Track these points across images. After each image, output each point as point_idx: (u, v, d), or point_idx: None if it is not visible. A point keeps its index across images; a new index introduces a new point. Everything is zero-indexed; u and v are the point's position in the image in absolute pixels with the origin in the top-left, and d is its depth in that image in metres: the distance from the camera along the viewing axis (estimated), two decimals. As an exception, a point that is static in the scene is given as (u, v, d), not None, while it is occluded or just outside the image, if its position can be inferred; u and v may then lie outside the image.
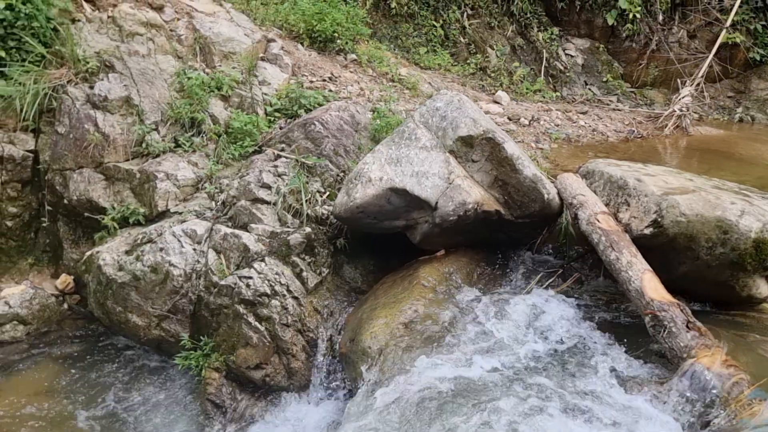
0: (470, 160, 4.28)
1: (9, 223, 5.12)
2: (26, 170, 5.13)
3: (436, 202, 4.09)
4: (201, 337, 4.34)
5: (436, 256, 4.40)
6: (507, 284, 4.20)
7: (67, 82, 5.18)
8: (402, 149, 4.24)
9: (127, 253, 4.57)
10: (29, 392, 4.49)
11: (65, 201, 5.03)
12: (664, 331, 3.14)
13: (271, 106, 5.58)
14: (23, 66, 5.12)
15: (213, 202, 4.84)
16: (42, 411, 4.35)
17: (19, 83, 5.04)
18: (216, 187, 4.91)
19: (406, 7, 8.09)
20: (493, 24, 8.54)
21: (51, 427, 4.24)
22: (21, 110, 5.02)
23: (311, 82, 6.08)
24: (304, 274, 4.40)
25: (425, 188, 4.09)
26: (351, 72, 6.64)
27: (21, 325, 4.85)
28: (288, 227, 4.55)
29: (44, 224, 5.23)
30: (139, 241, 4.60)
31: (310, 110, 5.45)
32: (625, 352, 3.42)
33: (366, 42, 7.37)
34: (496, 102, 7.26)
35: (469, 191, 4.11)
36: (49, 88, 5.11)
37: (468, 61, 8.16)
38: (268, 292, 4.21)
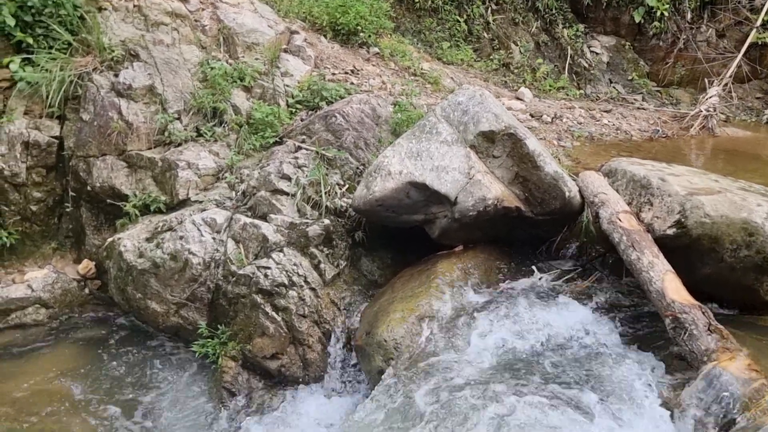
0: (491, 155, 4.25)
1: (33, 208, 5.20)
2: (51, 156, 5.20)
3: (456, 197, 4.07)
4: (218, 326, 4.37)
5: (454, 252, 4.37)
6: (525, 281, 4.16)
7: (93, 69, 5.23)
8: (423, 143, 4.22)
9: (148, 240, 4.61)
10: (49, 374, 4.55)
11: (88, 187, 5.09)
12: (685, 333, 3.09)
13: (292, 97, 5.60)
14: (50, 53, 5.19)
15: (233, 192, 4.86)
16: (61, 393, 4.41)
17: (46, 70, 5.11)
18: (236, 177, 4.94)
19: (429, 2, 8.04)
20: (517, 20, 8.46)
21: (69, 408, 4.29)
22: (47, 97, 5.09)
23: (333, 74, 6.08)
24: (322, 265, 4.41)
25: (445, 183, 4.08)
26: (373, 65, 6.62)
27: (43, 309, 4.92)
28: (307, 219, 4.56)
29: (67, 210, 5.30)
30: (159, 229, 4.64)
31: (332, 103, 5.45)
32: (644, 354, 3.38)
33: (389, 36, 7.34)
34: (518, 98, 7.20)
35: (489, 187, 4.08)
36: (75, 75, 5.16)
37: (491, 57, 8.10)
38: (286, 282, 4.22)
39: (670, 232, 3.65)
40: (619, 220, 3.74)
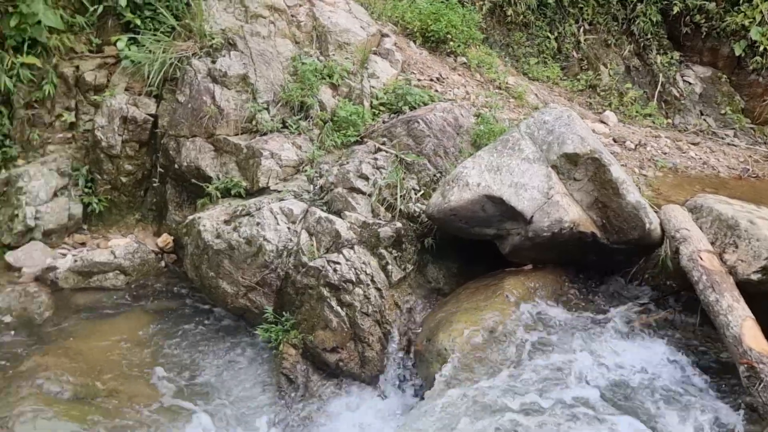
0: (572, 178, 4.20)
1: (123, 179, 5.50)
2: (145, 132, 5.48)
3: (532, 216, 4.05)
4: (283, 313, 4.49)
5: (522, 270, 4.35)
6: (593, 310, 4.09)
7: (192, 54, 5.48)
8: (504, 158, 4.22)
9: (226, 222, 4.79)
10: (119, 338, 4.78)
11: (176, 165, 5.34)
12: (760, 384, 2.98)
13: (377, 99, 5.68)
14: (155, 35, 5.48)
15: (311, 186, 4.99)
16: (129, 357, 4.62)
17: (150, 51, 5.40)
18: (316, 172, 5.06)
19: (521, 16, 7.98)
20: (609, 42, 8.28)
21: (136, 372, 4.50)
22: (148, 76, 5.38)
23: (419, 80, 6.13)
24: (389, 267, 4.47)
25: (522, 200, 4.06)
26: (459, 75, 6.63)
27: (122, 275, 5.20)
28: (380, 219, 4.64)
29: (154, 184, 5.58)
30: (238, 213, 4.82)
31: (415, 108, 5.50)
32: (713, 399, 3.28)
33: (477, 47, 7.33)
34: (602, 122, 7.05)
35: (567, 209, 4.04)
36: (175, 58, 5.42)
37: (578, 77, 7.96)
38: (353, 279, 4.31)
39: (754, 277, 3.53)
40: (701, 258, 3.63)
